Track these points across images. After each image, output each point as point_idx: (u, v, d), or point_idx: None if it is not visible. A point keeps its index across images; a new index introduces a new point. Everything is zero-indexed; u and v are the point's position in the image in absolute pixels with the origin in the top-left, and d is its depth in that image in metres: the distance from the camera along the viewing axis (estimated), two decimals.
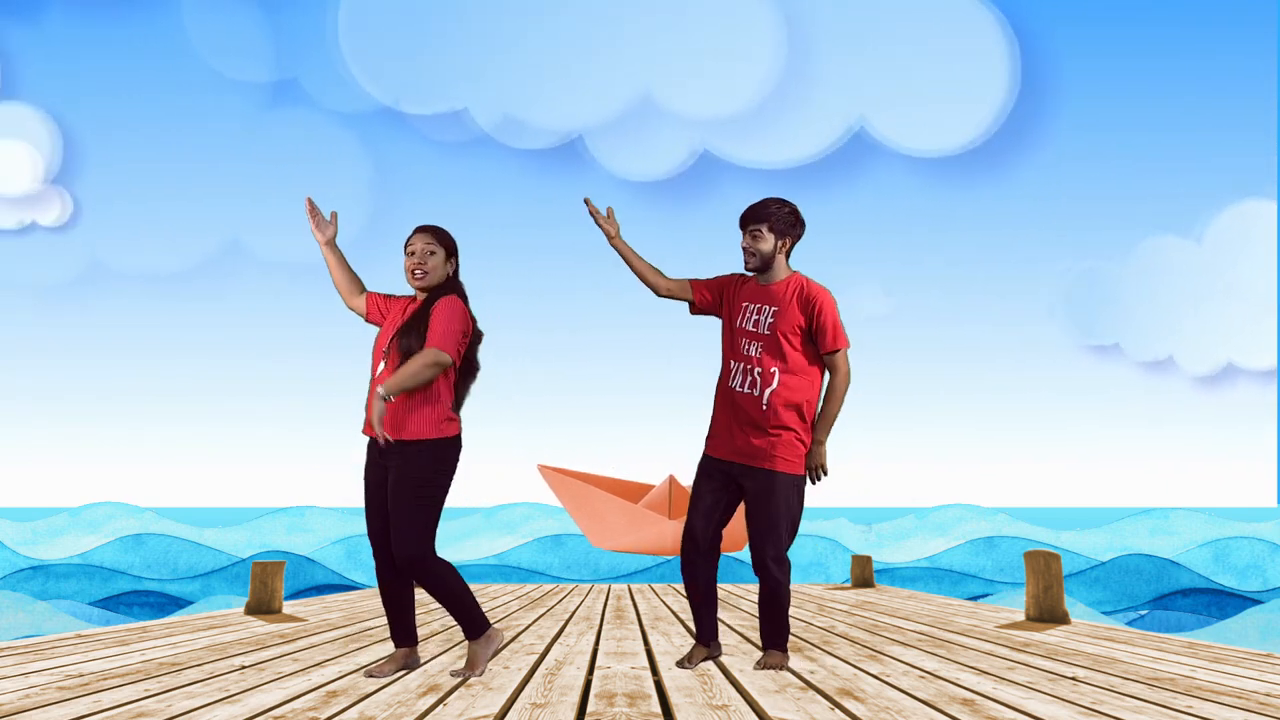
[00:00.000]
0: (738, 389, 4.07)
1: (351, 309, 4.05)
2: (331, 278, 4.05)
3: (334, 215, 4.04)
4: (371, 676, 3.84)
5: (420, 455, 3.74)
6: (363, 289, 4.02)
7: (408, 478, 3.73)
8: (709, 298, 4.23)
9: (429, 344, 3.70)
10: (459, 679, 3.77)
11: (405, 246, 3.92)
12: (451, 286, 3.92)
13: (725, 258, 4.26)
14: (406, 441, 3.73)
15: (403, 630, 3.99)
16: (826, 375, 4.11)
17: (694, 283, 4.25)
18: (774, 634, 4.14)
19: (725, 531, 4.20)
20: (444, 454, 3.79)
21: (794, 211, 4.14)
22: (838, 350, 4.05)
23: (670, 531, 13.07)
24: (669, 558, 16.12)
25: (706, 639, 4.22)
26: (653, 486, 14.50)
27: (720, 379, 4.17)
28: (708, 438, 4.19)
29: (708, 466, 4.16)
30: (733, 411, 4.08)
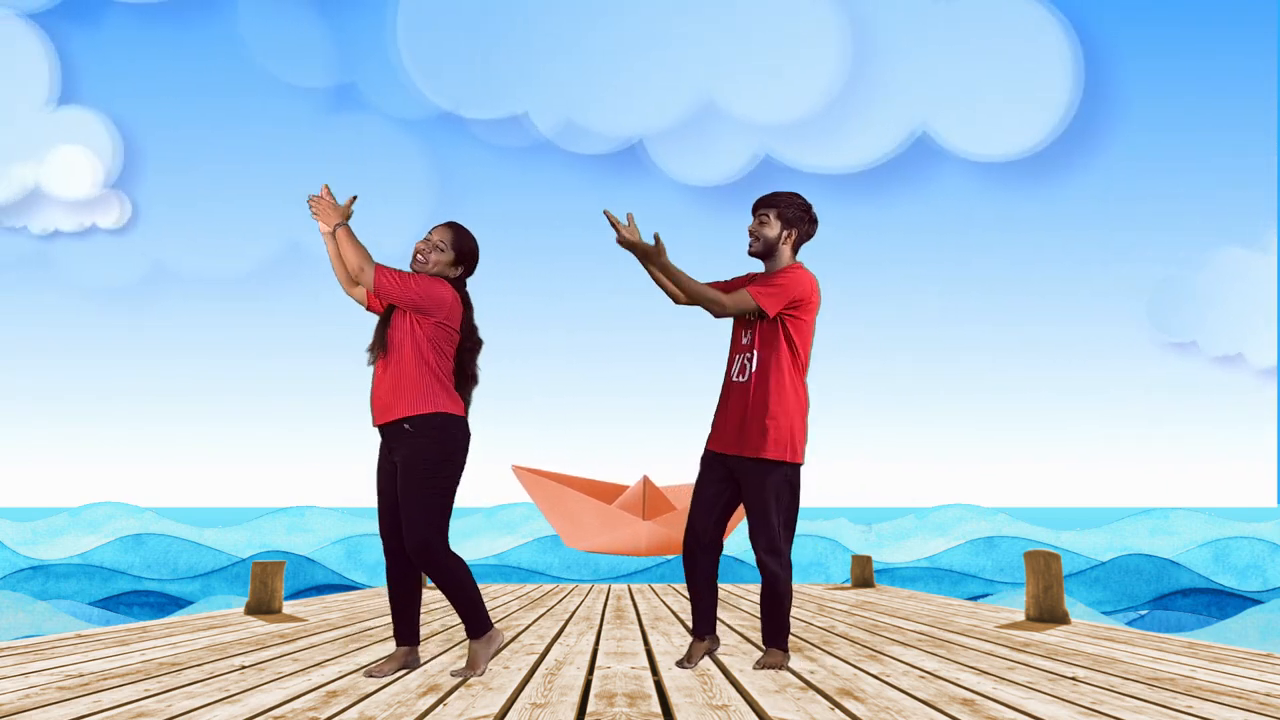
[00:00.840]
0: (734, 379, 4.10)
1: (351, 296, 3.99)
2: (332, 265, 3.95)
3: (350, 201, 3.90)
4: (371, 676, 3.84)
5: (427, 436, 3.74)
6: None
7: (417, 462, 3.73)
8: (728, 288, 4.23)
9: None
10: (459, 679, 3.78)
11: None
12: (451, 280, 3.93)
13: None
14: (412, 420, 3.73)
15: (407, 629, 3.99)
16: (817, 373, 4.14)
17: (710, 286, 4.25)
18: (774, 631, 4.14)
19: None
20: (452, 434, 3.79)
21: (805, 206, 4.13)
22: (750, 294, 3.96)
23: (645, 532, 13.09)
24: (669, 557, 16.12)
25: (703, 633, 4.23)
26: (627, 487, 14.52)
27: (725, 373, 4.19)
28: (710, 432, 4.20)
29: (708, 459, 4.18)
30: (729, 402, 4.11)
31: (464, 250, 3.94)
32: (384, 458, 3.89)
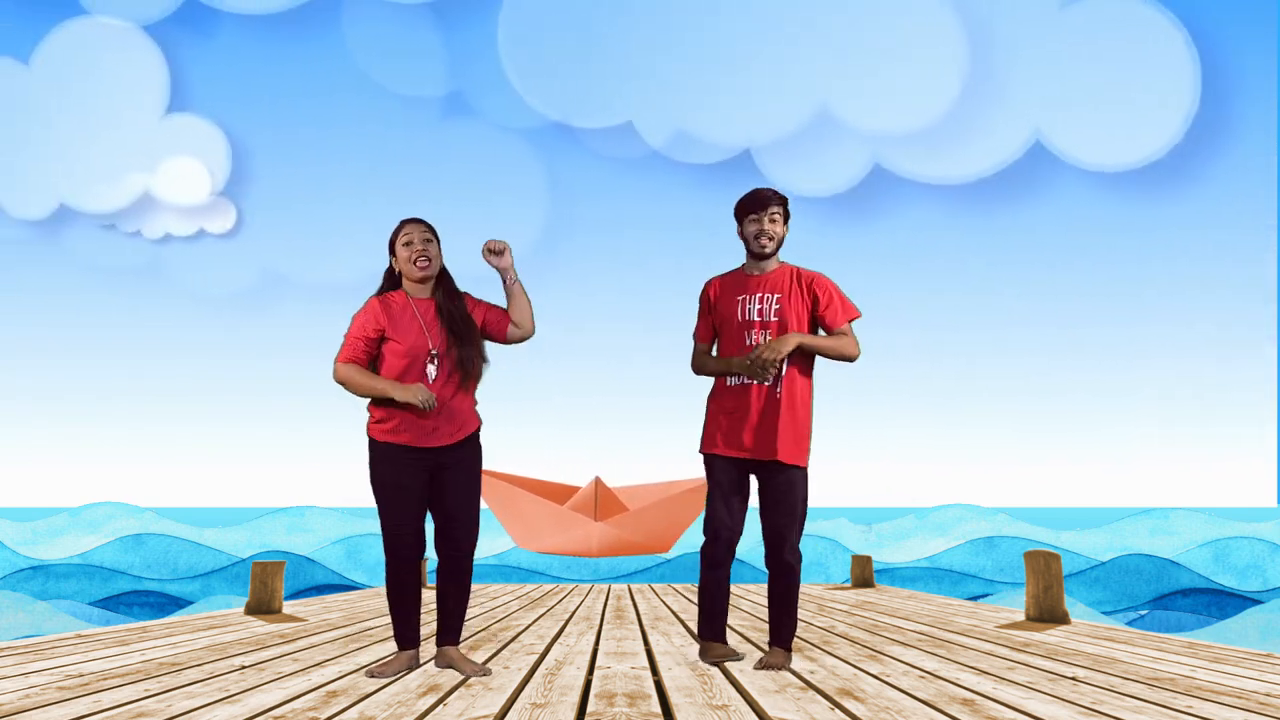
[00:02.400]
0: (746, 383, 4.07)
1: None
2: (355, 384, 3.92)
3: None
4: (372, 676, 3.84)
5: (477, 448, 3.96)
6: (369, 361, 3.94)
7: (474, 472, 3.93)
8: (711, 330, 4.25)
9: (512, 320, 3.94)
10: (459, 679, 3.78)
11: (398, 238, 3.92)
12: (448, 276, 4.00)
13: (884, 271, 4.28)
14: (469, 436, 3.92)
15: (414, 632, 4.01)
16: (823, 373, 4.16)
17: (699, 337, 4.28)
18: (784, 629, 4.16)
19: (657, 530, 4.29)
20: (480, 444, 4.03)
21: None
22: (851, 321, 4.12)
23: (596, 533, 13.04)
24: (669, 556, 16.12)
25: (720, 637, 4.24)
26: (579, 488, 14.50)
27: (717, 380, 4.17)
28: (712, 437, 4.15)
29: (723, 466, 4.13)
30: (741, 407, 4.07)
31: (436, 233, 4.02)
32: (411, 464, 3.86)
